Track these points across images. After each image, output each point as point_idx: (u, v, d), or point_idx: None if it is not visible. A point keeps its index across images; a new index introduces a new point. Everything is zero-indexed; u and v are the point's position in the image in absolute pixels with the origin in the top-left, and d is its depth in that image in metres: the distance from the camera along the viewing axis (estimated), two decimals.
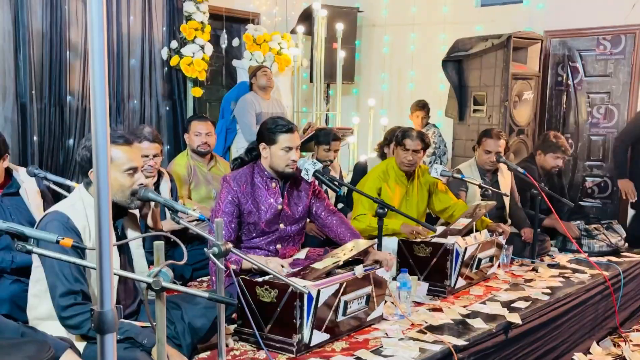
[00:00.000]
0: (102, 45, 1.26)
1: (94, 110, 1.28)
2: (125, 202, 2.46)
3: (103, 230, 1.30)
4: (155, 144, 3.75)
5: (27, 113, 5.06)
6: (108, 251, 1.32)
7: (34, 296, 2.41)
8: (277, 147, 3.24)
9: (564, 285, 3.96)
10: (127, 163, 2.43)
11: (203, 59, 6.13)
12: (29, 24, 5.02)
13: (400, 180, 4.17)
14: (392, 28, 7.69)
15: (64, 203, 2.44)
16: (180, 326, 2.50)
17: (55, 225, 2.26)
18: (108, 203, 1.29)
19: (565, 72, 6.53)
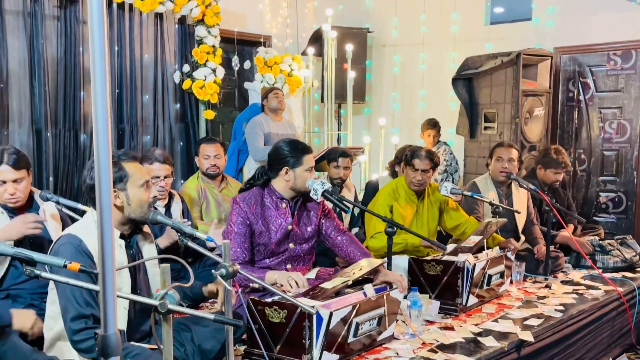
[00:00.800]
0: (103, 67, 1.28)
1: (96, 134, 1.31)
2: (144, 217, 2.51)
3: (106, 254, 1.33)
4: (165, 165, 3.82)
5: (42, 138, 5.15)
6: (111, 274, 1.34)
7: (49, 317, 2.45)
8: (302, 169, 3.29)
9: (577, 302, 3.92)
10: (141, 178, 2.49)
11: (215, 82, 6.21)
12: (44, 51, 5.13)
13: (410, 198, 4.18)
14: (403, 48, 7.74)
15: (77, 226, 2.48)
16: (190, 348, 2.51)
17: (67, 248, 2.29)
18: (111, 226, 1.32)
19: (577, 88, 6.52)
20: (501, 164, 4.59)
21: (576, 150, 6.54)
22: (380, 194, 4.24)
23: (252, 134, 5.83)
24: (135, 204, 2.46)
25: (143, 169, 2.56)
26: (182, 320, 2.71)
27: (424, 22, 7.49)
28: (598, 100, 6.41)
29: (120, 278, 2.39)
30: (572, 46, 6.49)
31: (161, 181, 3.82)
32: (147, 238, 2.67)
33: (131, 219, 2.49)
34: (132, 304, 2.51)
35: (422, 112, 7.41)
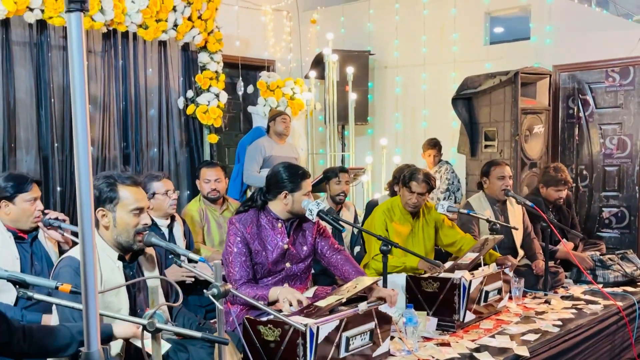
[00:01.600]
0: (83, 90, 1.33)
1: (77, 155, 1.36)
2: (129, 243, 2.55)
3: (88, 274, 1.40)
4: (170, 181, 4.05)
5: (49, 165, 5.28)
6: (93, 293, 1.41)
7: None
8: (301, 193, 3.37)
9: (576, 317, 3.94)
10: (134, 203, 2.54)
11: (218, 107, 6.33)
12: (50, 80, 5.28)
13: (405, 218, 4.24)
14: (404, 69, 7.85)
15: (77, 248, 2.55)
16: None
17: (67, 270, 2.36)
18: (92, 246, 1.39)
19: (576, 105, 6.58)
20: (503, 182, 4.65)
21: (578, 167, 6.57)
22: (375, 213, 4.30)
23: (251, 158, 5.92)
24: (121, 227, 2.51)
25: (141, 196, 2.60)
26: (180, 341, 2.76)
27: (425, 44, 7.59)
28: (598, 117, 6.46)
29: (118, 298, 2.44)
30: (571, 64, 6.55)
31: (173, 194, 3.99)
32: (150, 260, 2.73)
33: (118, 242, 2.54)
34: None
35: (424, 131, 7.48)
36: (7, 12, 4.70)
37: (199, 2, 6.04)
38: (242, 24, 7.30)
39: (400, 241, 4.08)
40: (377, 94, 8.09)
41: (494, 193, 4.71)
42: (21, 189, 3.15)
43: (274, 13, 7.84)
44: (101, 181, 2.51)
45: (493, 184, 4.70)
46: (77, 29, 1.23)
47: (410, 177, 4.17)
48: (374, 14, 8.02)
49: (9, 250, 3.12)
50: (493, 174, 4.70)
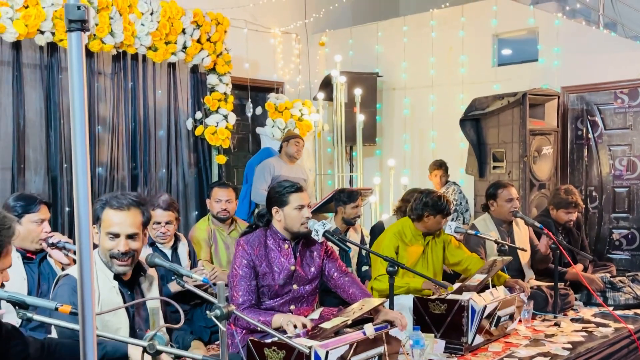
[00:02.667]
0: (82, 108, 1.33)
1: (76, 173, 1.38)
2: (107, 265, 2.56)
3: (85, 295, 1.39)
4: (168, 212, 3.93)
5: (57, 185, 5.31)
6: (91, 314, 1.40)
7: None
8: (290, 208, 3.33)
9: (586, 340, 3.88)
10: (109, 227, 2.54)
11: (226, 128, 6.36)
12: (59, 101, 5.33)
13: (417, 239, 4.21)
14: (412, 90, 7.87)
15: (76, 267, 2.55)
16: None
17: (65, 289, 2.36)
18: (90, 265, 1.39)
19: (585, 126, 6.55)
20: (512, 204, 4.63)
21: (587, 188, 6.53)
22: (386, 235, 4.27)
23: (259, 176, 5.94)
24: (101, 248, 2.55)
25: (122, 221, 2.54)
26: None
27: (433, 65, 7.62)
28: (607, 138, 6.43)
29: (117, 318, 2.44)
30: (579, 85, 6.54)
31: (162, 227, 3.93)
32: (150, 280, 2.73)
33: (103, 261, 2.56)
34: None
35: (433, 152, 7.48)
36: (18, 34, 4.76)
37: (208, 24, 6.10)
38: (251, 46, 7.36)
39: (412, 262, 4.06)
40: (385, 115, 8.10)
41: (502, 215, 4.68)
42: (29, 210, 3.17)
43: (282, 35, 7.91)
44: (98, 201, 2.54)
45: (501, 207, 4.67)
46: (77, 48, 1.25)
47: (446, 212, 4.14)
48: (382, 36, 8.07)
49: (17, 271, 3.12)
50: (501, 197, 4.68)
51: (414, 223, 4.21)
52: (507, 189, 4.68)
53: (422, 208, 4.12)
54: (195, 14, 5.98)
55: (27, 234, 3.16)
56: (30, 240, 3.18)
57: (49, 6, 4.88)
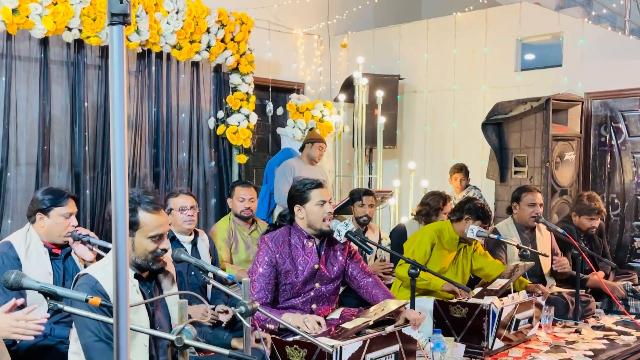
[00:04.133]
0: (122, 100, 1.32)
1: (114, 177, 1.36)
2: (147, 265, 2.54)
3: (120, 288, 1.40)
4: (190, 196, 4.00)
5: (80, 181, 5.35)
6: (125, 309, 1.41)
7: (72, 353, 2.51)
8: (312, 204, 3.34)
9: (607, 348, 3.85)
10: (154, 230, 2.51)
11: (248, 128, 6.38)
12: (85, 98, 5.38)
13: (453, 243, 4.20)
14: (434, 93, 7.85)
15: (96, 266, 2.55)
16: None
17: (84, 288, 2.35)
18: (126, 261, 1.40)
19: (609, 133, 6.49)
20: (534, 209, 4.60)
21: (609, 195, 6.47)
22: (426, 230, 4.26)
23: (281, 177, 5.93)
24: (139, 251, 2.50)
25: (162, 222, 2.54)
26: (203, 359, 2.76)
27: (455, 69, 7.59)
28: (631, 145, 6.36)
29: (137, 316, 2.44)
30: (603, 91, 6.49)
31: (189, 210, 3.94)
32: (168, 276, 2.73)
33: (136, 262, 2.53)
34: (153, 341, 2.56)
35: (453, 156, 7.45)
36: (46, 31, 4.82)
37: (233, 24, 6.13)
38: (274, 47, 7.38)
39: (442, 265, 4.07)
40: (406, 118, 8.09)
41: (524, 219, 4.65)
42: (57, 203, 3.21)
43: (305, 37, 7.93)
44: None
45: (523, 210, 4.65)
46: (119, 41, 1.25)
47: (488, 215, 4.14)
48: (404, 38, 8.06)
49: (43, 266, 3.18)
50: (524, 200, 4.65)
51: (453, 224, 4.19)
52: (532, 193, 4.66)
53: (465, 211, 4.13)
54: (220, 13, 6.02)
55: (54, 227, 3.20)
56: (58, 234, 3.22)
57: (77, 3, 4.93)
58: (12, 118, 5.03)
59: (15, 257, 3.10)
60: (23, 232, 3.24)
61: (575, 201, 5.10)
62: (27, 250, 3.17)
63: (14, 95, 5.04)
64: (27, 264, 3.13)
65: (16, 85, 5.06)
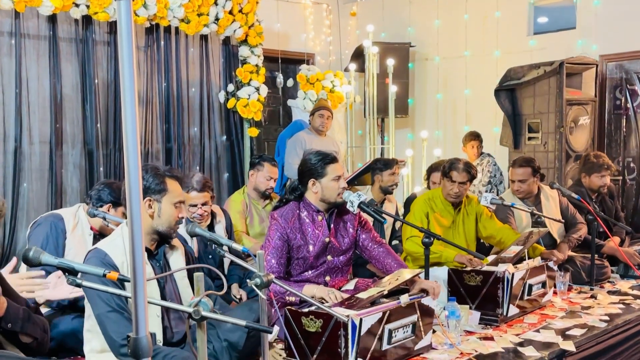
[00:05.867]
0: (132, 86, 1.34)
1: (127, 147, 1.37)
2: (169, 232, 2.61)
3: (137, 262, 1.42)
4: (203, 193, 3.77)
5: (94, 158, 5.39)
6: (142, 281, 1.43)
7: (87, 331, 2.55)
8: (328, 179, 3.34)
9: (623, 312, 3.84)
10: (178, 197, 2.62)
11: (258, 100, 6.37)
12: (94, 75, 5.38)
13: (447, 210, 4.19)
14: (445, 60, 7.76)
15: (105, 240, 2.60)
16: (217, 345, 2.59)
17: (93, 262, 2.40)
18: (141, 234, 1.41)
19: (624, 96, 6.40)
20: (513, 186, 4.59)
21: (625, 159, 6.40)
22: (416, 203, 4.26)
23: (291, 151, 5.91)
24: (165, 218, 2.58)
25: (181, 189, 2.68)
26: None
27: (467, 35, 7.49)
28: None
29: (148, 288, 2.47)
30: (618, 53, 6.38)
31: (198, 209, 3.78)
32: (175, 250, 2.75)
33: (157, 230, 2.59)
34: (165, 313, 2.60)
35: (466, 123, 7.39)
36: (54, 8, 4.81)
37: None
38: (282, 18, 7.31)
39: (441, 233, 4.02)
40: (418, 86, 8.02)
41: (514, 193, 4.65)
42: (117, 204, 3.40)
43: (313, 6, 7.84)
44: (150, 173, 2.55)
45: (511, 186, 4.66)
46: (126, 16, 1.24)
47: (450, 167, 4.11)
48: (414, 5, 7.95)
49: (85, 245, 3.32)
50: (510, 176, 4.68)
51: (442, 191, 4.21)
52: (512, 168, 4.65)
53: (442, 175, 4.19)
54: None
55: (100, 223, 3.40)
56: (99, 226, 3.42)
57: None
58: (24, 97, 5.05)
59: (63, 230, 3.29)
60: (72, 211, 3.42)
61: (582, 162, 5.05)
62: (75, 227, 3.34)
63: (25, 74, 5.05)
64: (71, 239, 3.30)
65: (26, 63, 5.07)
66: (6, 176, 5.00)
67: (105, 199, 3.36)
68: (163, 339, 2.54)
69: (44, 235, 3.24)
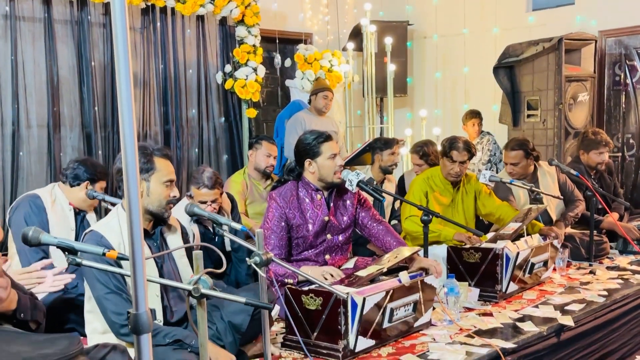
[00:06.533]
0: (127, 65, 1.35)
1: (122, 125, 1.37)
2: (160, 212, 2.60)
3: (135, 239, 1.43)
4: (214, 190, 3.68)
5: (92, 141, 5.38)
6: (141, 258, 1.44)
7: (88, 312, 2.57)
8: (323, 158, 3.33)
9: (622, 287, 3.86)
10: (167, 175, 2.59)
11: (256, 81, 6.33)
12: (91, 57, 5.35)
13: (446, 188, 4.19)
14: (444, 39, 7.71)
15: (100, 223, 2.61)
16: (221, 325, 2.60)
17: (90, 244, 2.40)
18: (139, 211, 1.42)
19: (623, 71, 6.38)
20: (506, 168, 4.59)
21: (624, 135, 6.40)
22: (415, 182, 4.26)
23: (291, 131, 5.89)
24: (154, 197, 2.56)
25: (172, 169, 2.64)
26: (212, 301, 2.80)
27: (465, 12, 7.44)
28: None
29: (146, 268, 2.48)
30: (617, 29, 6.34)
31: (208, 206, 3.69)
32: (173, 230, 2.75)
33: (148, 210, 2.58)
34: (165, 293, 2.61)
35: (465, 102, 7.37)
36: None
37: None
38: None
39: (440, 211, 4.02)
40: (417, 65, 7.98)
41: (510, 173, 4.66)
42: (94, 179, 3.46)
43: None
44: (141, 151, 2.54)
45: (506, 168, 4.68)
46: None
47: (450, 147, 4.10)
48: None
49: (67, 221, 3.37)
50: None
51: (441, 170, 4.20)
52: (505, 151, 4.66)
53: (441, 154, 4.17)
54: None
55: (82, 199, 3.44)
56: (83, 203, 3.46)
57: None
58: (20, 80, 5.03)
59: (42, 207, 3.30)
60: (48, 189, 3.44)
61: (581, 139, 5.05)
62: (53, 204, 3.35)
63: (21, 57, 5.02)
64: (52, 215, 3.32)
65: (22, 46, 5.03)
66: (5, 160, 4.99)
67: (82, 177, 3.39)
68: (163, 319, 2.56)
69: (26, 215, 3.27)
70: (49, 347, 1.43)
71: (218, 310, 2.65)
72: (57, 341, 1.46)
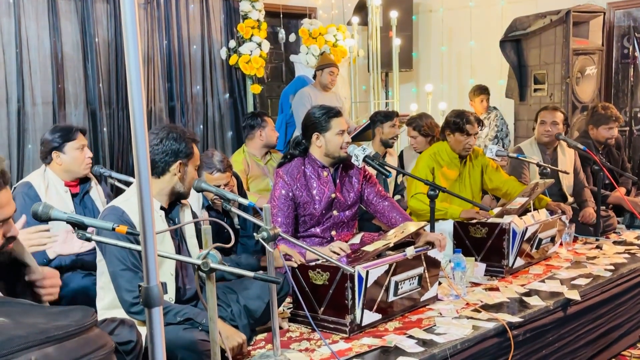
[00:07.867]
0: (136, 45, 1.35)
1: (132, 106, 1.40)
2: (187, 193, 2.68)
3: (145, 212, 1.43)
4: (226, 173, 3.60)
5: (97, 118, 5.37)
6: (152, 231, 1.44)
7: (100, 288, 2.59)
8: (332, 133, 3.32)
9: (628, 262, 3.86)
10: (198, 160, 2.69)
11: (260, 56, 6.29)
12: (95, 34, 5.32)
13: (454, 163, 4.16)
14: (449, 12, 7.63)
15: (120, 198, 2.61)
16: (236, 308, 2.64)
17: (110, 219, 2.41)
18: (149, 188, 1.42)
19: (632, 44, 6.30)
20: (544, 127, 4.55)
21: (632, 109, 6.34)
22: (421, 158, 4.23)
23: (300, 106, 5.84)
24: (188, 181, 2.64)
25: None
26: (229, 285, 2.83)
27: None
28: None
29: (163, 246, 2.50)
30: (626, 0, 6.26)
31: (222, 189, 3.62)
32: (186, 207, 2.78)
33: (179, 192, 2.63)
34: (179, 272, 2.62)
35: (471, 76, 7.31)
36: None
37: None
38: None
39: (448, 186, 4.00)
40: (422, 39, 7.90)
41: (539, 138, 4.61)
42: (69, 138, 3.27)
43: None
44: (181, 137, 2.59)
45: (537, 129, 4.61)
46: None
47: (466, 121, 4.03)
48: None
49: (64, 204, 3.25)
50: (538, 119, 4.61)
51: (448, 144, 4.17)
52: (546, 111, 4.61)
53: (444, 127, 4.13)
54: None
55: (73, 161, 3.27)
56: (78, 166, 3.29)
57: None
58: (25, 56, 5.01)
59: (36, 196, 3.17)
60: (39, 173, 3.31)
61: (590, 114, 5.01)
62: (47, 189, 3.25)
63: (25, 33, 5.00)
64: (47, 201, 3.16)
65: (26, 22, 5.01)
66: (11, 137, 4.99)
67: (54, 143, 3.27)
68: (176, 299, 2.57)
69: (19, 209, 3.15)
70: (63, 319, 1.44)
71: (235, 294, 2.68)
72: (71, 313, 1.48)
